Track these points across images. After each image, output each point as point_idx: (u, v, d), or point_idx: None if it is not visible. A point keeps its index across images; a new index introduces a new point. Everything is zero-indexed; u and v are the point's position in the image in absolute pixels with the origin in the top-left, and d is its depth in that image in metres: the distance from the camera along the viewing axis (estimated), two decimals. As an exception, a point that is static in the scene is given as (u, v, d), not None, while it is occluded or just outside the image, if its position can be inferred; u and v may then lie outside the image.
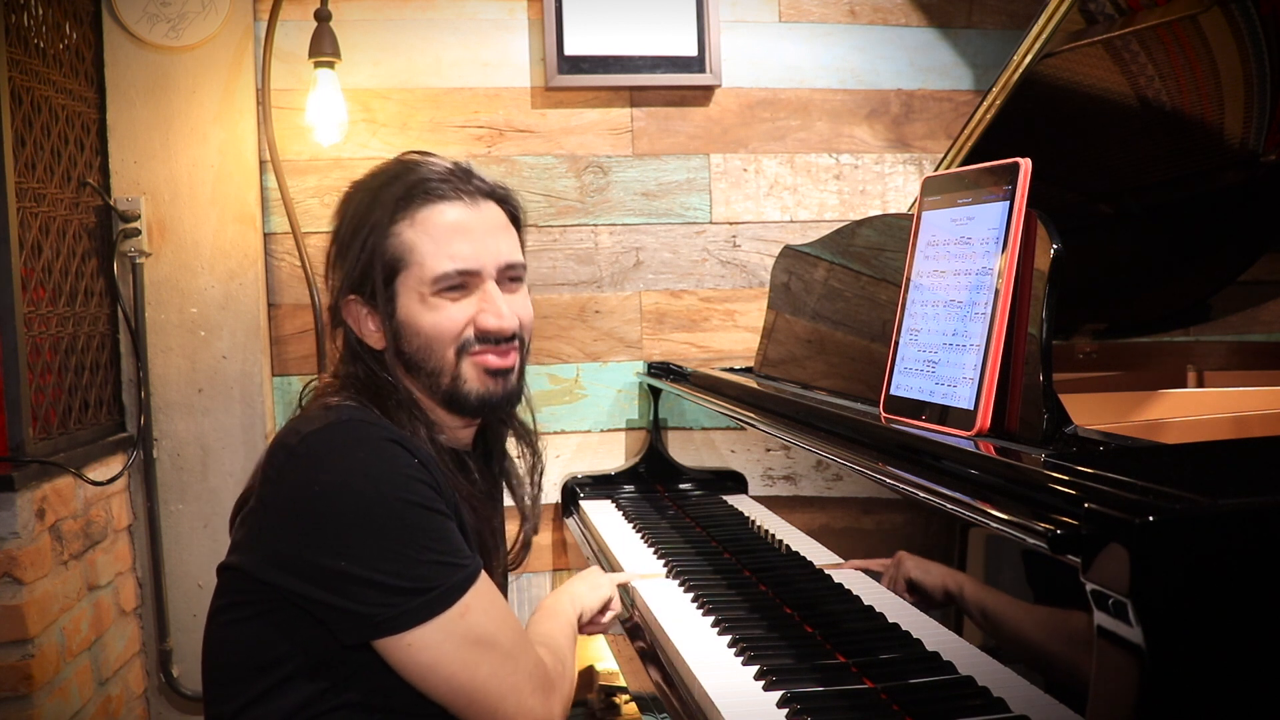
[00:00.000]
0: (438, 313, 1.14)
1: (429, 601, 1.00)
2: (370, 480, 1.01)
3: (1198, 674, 0.68)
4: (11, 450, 1.71)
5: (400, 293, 1.14)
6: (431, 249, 1.13)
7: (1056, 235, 1.04)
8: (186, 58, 2.24)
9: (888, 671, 1.10)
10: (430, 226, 1.13)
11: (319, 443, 1.04)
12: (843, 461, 1.18)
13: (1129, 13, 1.49)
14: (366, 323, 1.16)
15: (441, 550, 1.02)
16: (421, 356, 1.15)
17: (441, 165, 1.18)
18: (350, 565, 0.99)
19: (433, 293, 1.13)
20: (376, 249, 1.13)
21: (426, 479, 1.04)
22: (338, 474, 1.01)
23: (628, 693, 2.18)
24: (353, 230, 1.16)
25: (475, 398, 1.17)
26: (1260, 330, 2.09)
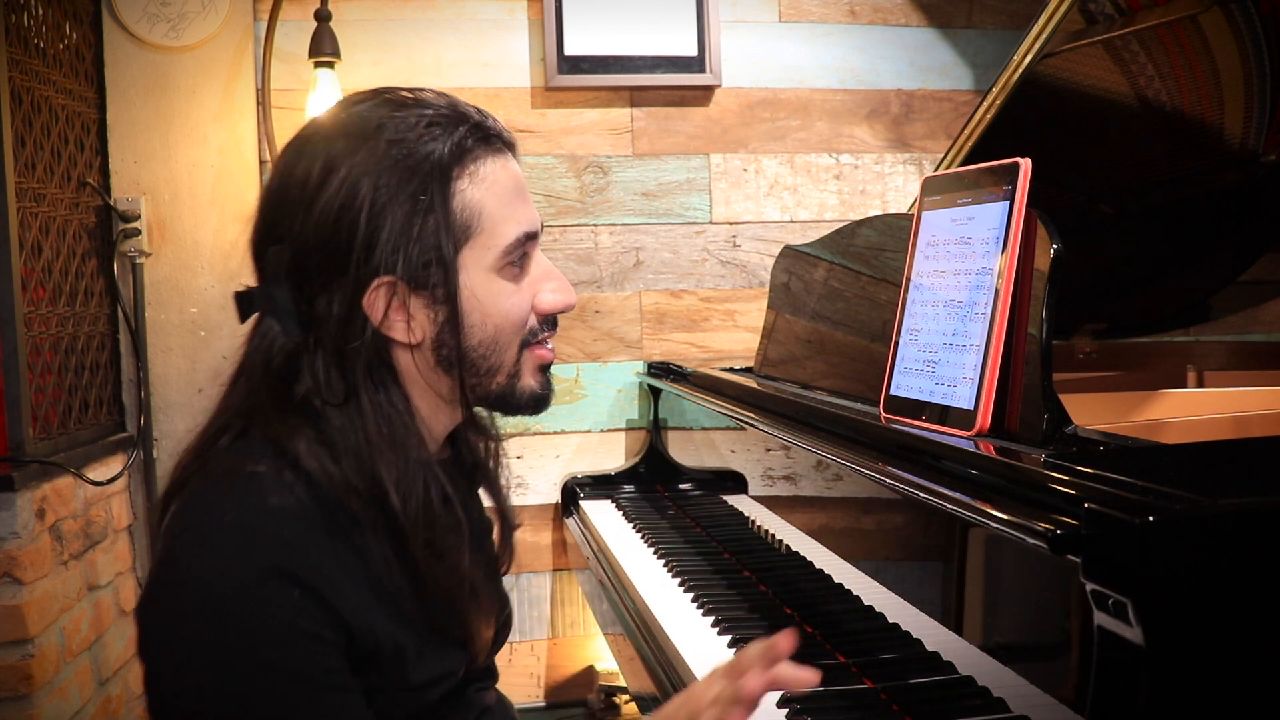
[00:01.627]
0: (510, 293, 0.92)
1: None
2: (241, 630, 0.79)
3: (1198, 674, 0.68)
4: (11, 450, 1.71)
5: (464, 269, 0.90)
6: (501, 210, 0.91)
7: (1056, 235, 1.04)
8: (186, 58, 2.24)
9: (888, 671, 1.10)
10: (494, 184, 0.91)
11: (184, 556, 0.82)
12: (843, 461, 1.18)
13: (1129, 13, 1.49)
14: (395, 312, 0.89)
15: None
16: (485, 350, 0.92)
17: (466, 105, 0.94)
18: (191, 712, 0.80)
19: (500, 267, 0.91)
20: (437, 213, 0.88)
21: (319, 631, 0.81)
22: (190, 607, 0.80)
23: (628, 693, 2.18)
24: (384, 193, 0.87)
25: (530, 397, 0.97)
26: (1260, 330, 2.09)
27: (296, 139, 0.93)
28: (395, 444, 0.88)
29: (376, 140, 0.88)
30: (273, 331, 0.90)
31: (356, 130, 0.90)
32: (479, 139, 0.91)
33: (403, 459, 0.88)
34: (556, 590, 2.47)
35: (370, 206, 0.87)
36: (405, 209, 0.87)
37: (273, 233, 0.90)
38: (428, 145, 0.89)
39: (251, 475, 0.84)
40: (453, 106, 0.93)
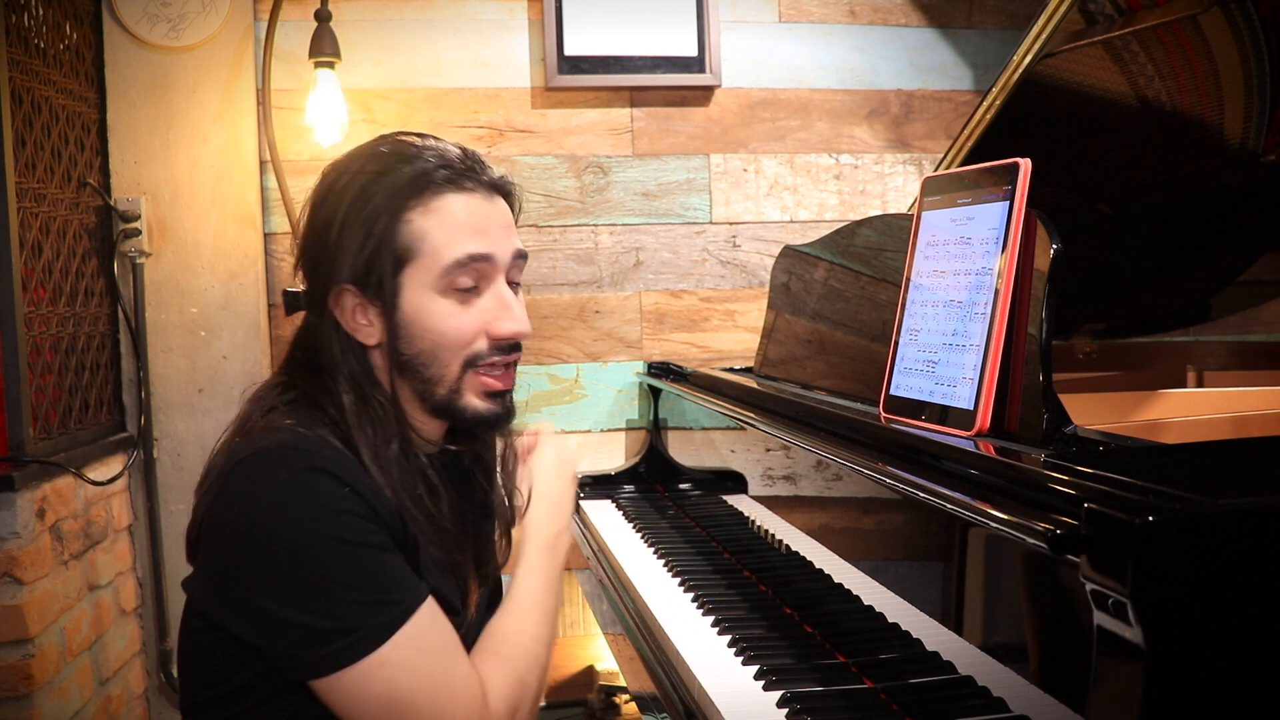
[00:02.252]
0: (448, 313, 1.07)
1: (346, 647, 0.94)
2: (291, 515, 0.95)
3: (1198, 674, 0.68)
4: (12, 450, 1.71)
5: (406, 285, 1.06)
6: (445, 237, 1.06)
7: (1056, 235, 1.04)
8: (187, 58, 2.24)
9: (888, 671, 1.10)
10: (445, 215, 1.06)
11: (246, 473, 0.98)
12: (843, 461, 1.18)
13: (1129, 13, 1.49)
14: (357, 315, 1.07)
15: (367, 587, 0.96)
16: (423, 360, 1.07)
17: (453, 151, 1.11)
18: (272, 604, 0.94)
19: (443, 287, 1.06)
20: (385, 235, 1.05)
21: (359, 509, 0.98)
22: (260, 509, 0.96)
23: (628, 693, 2.18)
24: (353, 214, 1.06)
25: (471, 415, 1.10)
26: (1260, 330, 2.09)
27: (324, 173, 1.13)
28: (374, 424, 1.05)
29: (362, 172, 1.07)
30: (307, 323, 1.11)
31: (357, 162, 1.09)
32: (445, 179, 1.07)
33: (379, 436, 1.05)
34: (556, 590, 2.47)
35: (340, 224, 1.06)
36: (360, 230, 1.05)
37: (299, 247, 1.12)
38: (392, 178, 1.06)
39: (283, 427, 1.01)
40: (439, 149, 1.10)
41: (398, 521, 1.01)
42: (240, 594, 0.96)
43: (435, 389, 1.08)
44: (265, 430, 1.01)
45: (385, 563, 0.98)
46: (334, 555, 0.95)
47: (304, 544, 0.95)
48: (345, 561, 0.95)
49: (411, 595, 0.98)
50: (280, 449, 0.99)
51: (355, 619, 0.95)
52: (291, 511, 0.95)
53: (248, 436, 1.02)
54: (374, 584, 0.96)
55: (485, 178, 1.11)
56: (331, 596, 0.94)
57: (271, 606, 0.94)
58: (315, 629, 0.94)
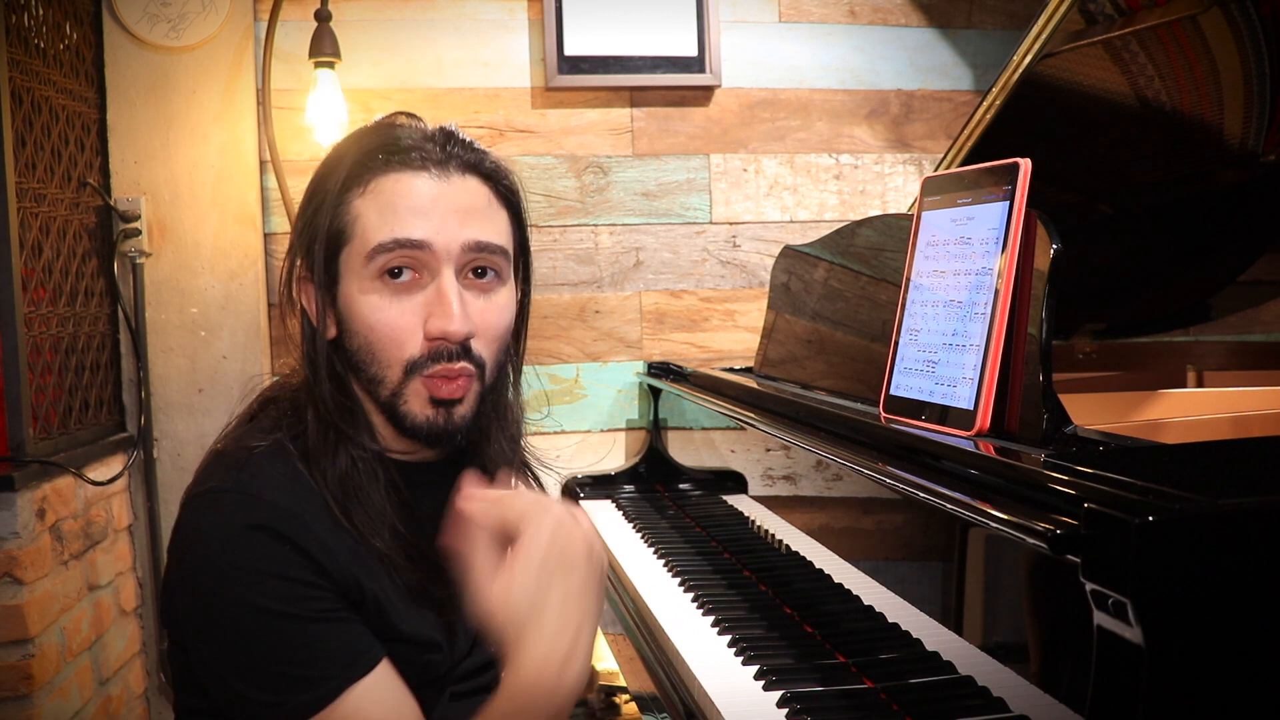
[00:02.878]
0: (375, 305, 0.94)
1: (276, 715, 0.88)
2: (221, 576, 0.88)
3: (1198, 674, 0.68)
4: (12, 450, 1.71)
5: (342, 274, 0.96)
6: (377, 220, 0.94)
7: (1056, 235, 1.04)
8: (187, 58, 2.24)
9: (888, 671, 1.10)
10: (381, 195, 0.94)
11: (191, 517, 0.93)
12: (843, 461, 1.18)
13: (1129, 13, 1.49)
14: (314, 305, 0.98)
15: (292, 661, 0.88)
16: (363, 357, 0.97)
17: (418, 129, 0.99)
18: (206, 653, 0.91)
19: (371, 276, 0.94)
20: (328, 217, 0.96)
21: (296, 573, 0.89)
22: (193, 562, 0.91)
23: (628, 693, 2.18)
24: (310, 194, 0.99)
25: (413, 424, 0.97)
26: (1260, 330, 2.09)
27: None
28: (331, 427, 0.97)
29: (332, 151, 1.01)
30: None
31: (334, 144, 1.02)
32: (396, 157, 0.96)
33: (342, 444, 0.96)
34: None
35: (302, 209, 0.99)
36: (310, 212, 0.98)
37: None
38: (342, 160, 0.98)
39: (253, 449, 0.94)
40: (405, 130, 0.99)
41: (351, 577, 0.93)
42: (182, 633, 0.95)
43: (379, 389, 0.97)
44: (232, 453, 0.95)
45: (317, 636, 0.89)
46: (260, 625, 0.88)
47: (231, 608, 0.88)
48: (271, 632, 0.88)
49: (345, 672, 0.89)
50: (226, 494, 0.91)
51: (277, 693, 0.88)
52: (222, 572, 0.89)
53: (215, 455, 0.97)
54: (300, 658, 0.88)
55: (446, 153, 0.97)
56: (254, 664, 0.89)
57: (206, 656, 0.92)
58: (241, 693, 0.89)
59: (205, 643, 0.91)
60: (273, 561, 0.89)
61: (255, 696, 0.89)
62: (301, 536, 0.90)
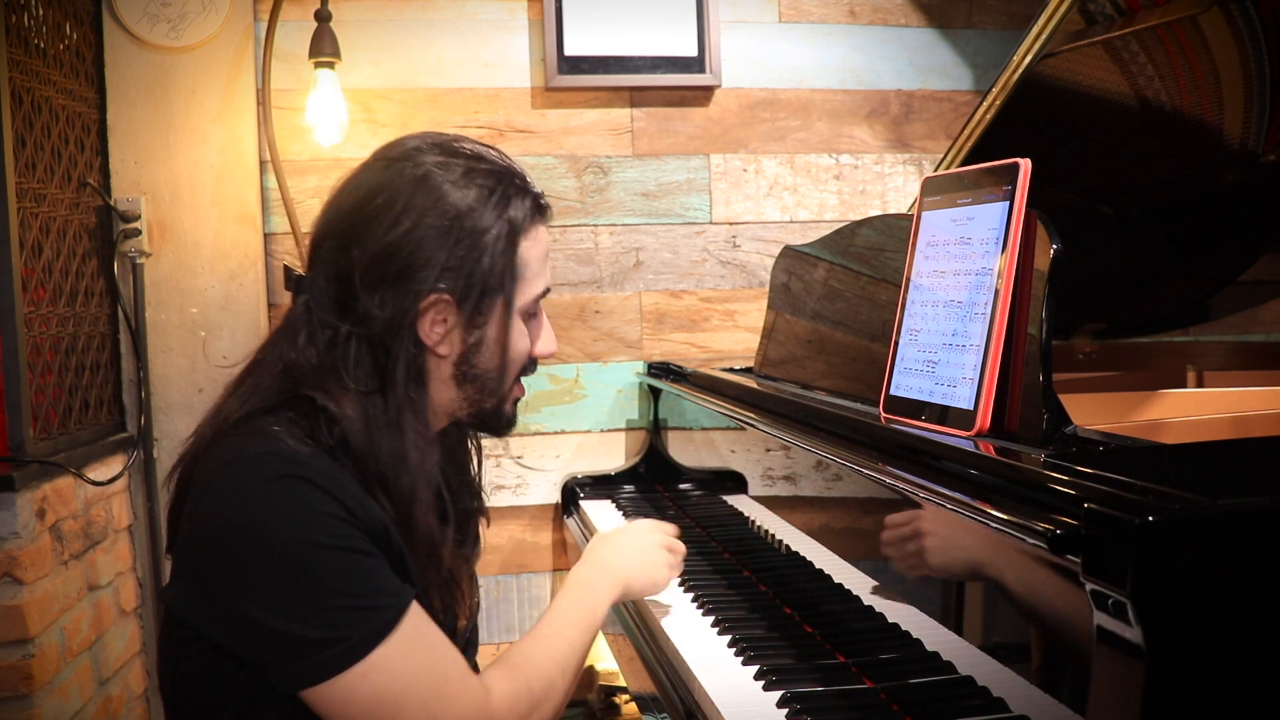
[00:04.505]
0: (522, 335, 1.12)
1: (334, 656, 0.93)
2: (276, 521, 0.94)
3: (1198, 674, 0.68)
4: (12, 450, 1.71)
5: (498, 307, 1.08)
6: (537, 268, 1.12)
7: (1056, 235, 1.04)
8: (187, 58, 2.24)
9: (888, 671, 1.10)
10: (538, 246, 1.12)
11: (230, 478, 0.97)
12: (843, 461, 1.18)
13: (1129, 13, 1.49)
14: (438, 326, 1.06)
15: (354, 593, 0.95)
16: (491, 375, 1.10)
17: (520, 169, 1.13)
18: (257, 612, 0.93)
19: (525, 313, 1.12)
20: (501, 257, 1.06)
21: (340, 513, 0.96)
22: (243, 515, 0.94)
23: (628, 693, 2.18)
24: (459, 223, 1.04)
25: (507, 421, 1.16)
26: (1260, 330, 2.09)
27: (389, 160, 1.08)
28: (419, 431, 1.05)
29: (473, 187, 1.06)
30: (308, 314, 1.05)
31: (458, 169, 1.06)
32: (537, 210, 1.11)
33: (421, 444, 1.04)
34: (556, 590, 2.47)
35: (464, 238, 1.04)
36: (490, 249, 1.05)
37: (345, 235, 1.05)
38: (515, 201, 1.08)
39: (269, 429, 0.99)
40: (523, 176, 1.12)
41: (380, 529, 1.00)
42: (224, 603, 0.95)
43: (487, 400, 1.12)
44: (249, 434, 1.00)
45: (370, 567, 0.97)
46: (319, 561, 0.94)
47: (289, 550, 0.93)
48: (331, 567, 0.94)
49: (399, 600, 0.97)
50: (263, 455, 0.97)
51: (342, 627, 0.93)
52: (276, 517, 0.94)
53: (229, 439, 1.00)
54: (360, 589, 0.95)
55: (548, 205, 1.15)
56: (318, 604, 0.93)
57: (257, 615, 0.93)
58: (302, 638, 0.93)
59: (261, 593, 0.93)
60: (319, 502, 0.95)
61: (318, 635, 0.92)
62: (337, 489, 0.97)
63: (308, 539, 0.94)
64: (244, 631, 0.94)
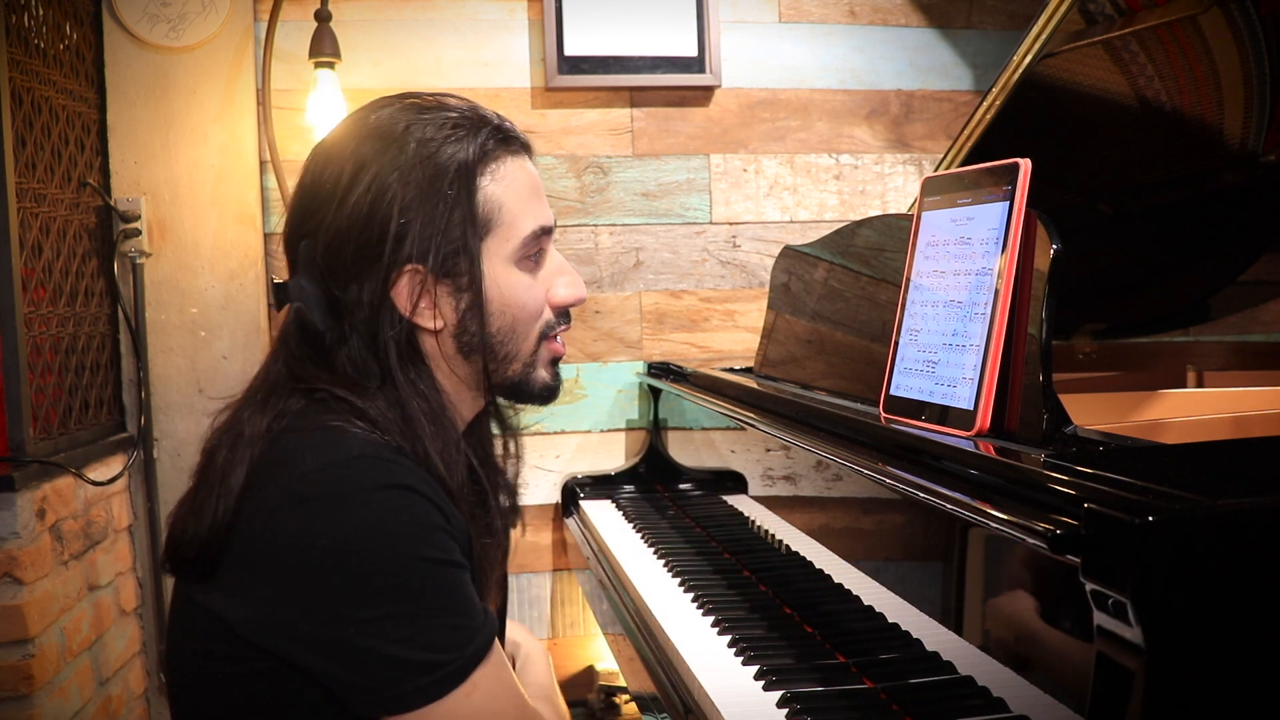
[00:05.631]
0: (526, 285, 1.00)
1: (439, 680, 0.86)
2: (387, 537, 0.85)
3: (1198, 674, 0.68)
4: (12, 450, 1.71)
5: (485, 260, 0.98)
6: (519, 206, 0.99)
7: (1056, 235, 1.04)
8: (187, 58, 2.24)
9: (888, 671, 1.10)
10: (512, 182, 0.99)
11: (326, 487, 0.87)
12: (843, 461, 1.18)
13: (1129, 13, 1.49)
14: (425, 298, 0.96)
15: (456, 611, 0.88)
16: (502, 337, 1.00)
17: (489, 110, 1.03)
18: (358, 634, 0.85)
19: (515, 260, 0.99)
20: (462, 208, 0.96)
21: (444, 524, 0.89)
22: (348, 528, 0.85)
23: (628, 693, 2.18)
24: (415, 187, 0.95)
25: (542, 387, 1.05)
26: (1260, 330, 2.09)
27: (327, 141, 1.01)
28: (434, 420, 0.96)
29: (405, 141, 0.96)
30: (304, 319, 0.98)
31: (386, 132, 0.97)
32: (499, 140, 1.00)
33: (442, 433, 0.96)
34: (556, 590, 2.48)
35: (400, 201, 0.95)
36: (433, 204, 0.95)
37: (304, 227, 0.98)
38: (453, 146, 0.97)
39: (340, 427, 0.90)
40: (474, 110, 1.02)
41: (466, 538, 0.93)
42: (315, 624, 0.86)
43: (509, 366, 1.02)
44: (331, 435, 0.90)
45: (466, 582, 0.90)
46: (428, 578, 0.87)
47: (400, 568, 0.85)
48: (439, 584, 0.87)
49: (488, 619, 0.91)
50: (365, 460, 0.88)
51: (448, 648, 0.87)
52: (387, 532, 0.86)
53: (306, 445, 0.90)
54: (461, 606, 0.89)
55: (524, 138, 1.04)
56: (424, 624, 0.86)
57: (357, 638, 0.85)
58: (406, 660, 0.85)
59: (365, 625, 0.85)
60: (426, 512, 0.88)
61: (421, 658, 0.85)
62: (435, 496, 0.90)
63: (419, 555, 0.86)
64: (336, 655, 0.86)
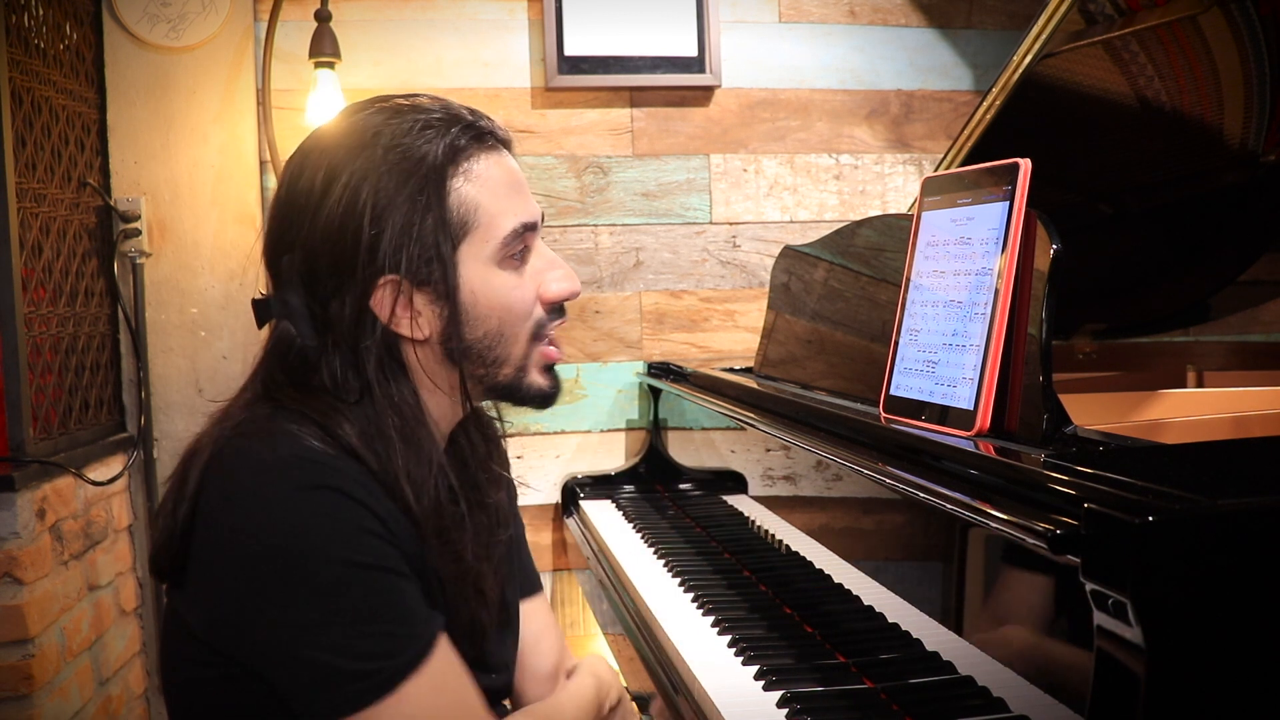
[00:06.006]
0: (511, 285, 0.96)
1: (366, 689, 0.84)
2: (314, 539, 0.84)
3: (1198, 674, 0.68)
4: (12, 450, 1.71)
5: (464, 263, 0.94)
6: (496, 205, 0.96)
7: (1056, 235, 1.04)
8: (187, 58, 2.24)
9: (888, 671, 1.10)
10: (487, 180, 0.96)
11: (256, 487, 0.86)
12: (843, 461, 1.18)
13: (1129, 13, 1.49)
14: (404, 308, 0.93)
15: (387, 618, 0.86)
16: (490, 342, 0.96)
17: (463, 107, 0.99)
18: (286, 639, 0.84)
19: (498, 260, 0.96)
20: (435, 211, 0.92)
21: (378, 529, 0.87)
22: (275, 531, 0.84)
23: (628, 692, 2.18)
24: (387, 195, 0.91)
25: (536, 392, 1.01)
26: (1260, 330, 2.09)
27: (299, 150, 0.99)
28: (407, 438, 0.93)
29: (374, 147, 0.93)
30: (289, 335, 0.95)
31: (355, 138, 0.94)
32: (471, 137, 0.96)
33: (415, 452, 0.92)
34: (556, 590, 2.47)
35: (371, 209, 0.91)
36: (404, 210, 0.92)
37: (283, 241, 0.96)
38: (423, 148, 0.93)
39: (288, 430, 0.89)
40: (445, 109, 0.98)
41: (415, 547, 0.91)
42: (249, 626, 0.86)
43: (499, 371, 0.98)
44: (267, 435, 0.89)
45: (405, 590, 0.88)
46: (357, 583, 0.85)
47: (326, 571, 0.84)
48: (369, 590, 0.85)
49: (431, 626, 0.89)
50: (292, 460, 0.87)
51: (377, 656, 0.85)
52: (312, 534, 0.84)
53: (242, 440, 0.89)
54: (395, 615, 0.86)
55: (502, 133, 1.01)
56: (352, 630, 0.84)
57: (285, 642, 0.84)
58: (333, 667, 0.84)
59: (291, 628, 0.84)
60: (357, 515, 0.86)
61: (350, 666, 0.83)
62: (370, 499, 0.87)
63: (347, 559, 0.84)
64: (269, 657, 0.86)
